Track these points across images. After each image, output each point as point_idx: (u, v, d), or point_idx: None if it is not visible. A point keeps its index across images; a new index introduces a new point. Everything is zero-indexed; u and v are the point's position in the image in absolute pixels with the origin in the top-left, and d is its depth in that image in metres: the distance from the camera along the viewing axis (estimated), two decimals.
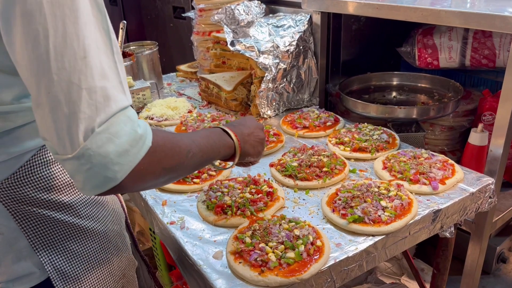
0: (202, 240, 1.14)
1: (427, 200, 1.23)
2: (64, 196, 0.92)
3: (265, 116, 1.90)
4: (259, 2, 2.10)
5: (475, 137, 1.53)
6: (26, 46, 0.67)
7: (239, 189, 1.28)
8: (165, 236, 1.24)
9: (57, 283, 0.93)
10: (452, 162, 1.38)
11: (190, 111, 1.96)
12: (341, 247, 1.07)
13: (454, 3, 1.51)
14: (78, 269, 0.96)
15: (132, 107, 0.77)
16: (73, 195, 0.94)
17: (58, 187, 0.91)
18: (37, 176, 0.88)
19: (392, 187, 1.24)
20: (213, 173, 1.41)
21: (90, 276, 0.98)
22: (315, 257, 1.01)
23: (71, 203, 0.93)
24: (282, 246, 1.03)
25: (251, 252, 1.02)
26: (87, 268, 0.97)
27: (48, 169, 0.90)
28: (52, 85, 0.68)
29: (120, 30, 2.12)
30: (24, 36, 0.67)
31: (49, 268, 0.91)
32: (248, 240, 1.06)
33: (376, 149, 1.49)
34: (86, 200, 0.96)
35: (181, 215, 1.25)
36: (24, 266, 0.90)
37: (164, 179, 0.84)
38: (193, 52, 2.43)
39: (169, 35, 3.40)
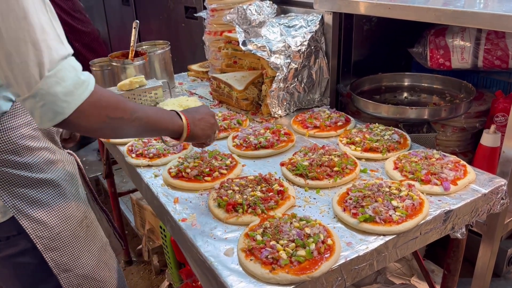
0: (213, 237, 1.15)
1: (439, 200, 1.23)
2: (22, 158, 1.13)
3: (276, 115, 1.90)
4: (271, 2, 2.11)
5: (488, 138, 1.53)
6: None
7: (250, 188, 1.29)
8: (177, 233, 1.25)
9: (23, 222, 1.15)
10: (464, 163, 1.38)
11: None
12: (352, 246, 1.08)
13: (467, 4, 1.50)
14: (40, 212, 1.17)
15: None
16: (29, 157, 1.15)
17: (15, 150, 1.12)
18: None
19: (403, 187, 1.24)
20: (224, 171, 1.42)
21: (52, 217, 1.20)
22: (326, 255, 1.02)
23: (28, 162, 1.15)
24: (293, 244, 1.03)
25: (262, 249, 1.03)
26: (49, 211, 1.19)
27: (7, 136, 1.10)
28: (3, 42, 0.86)
29: (133, 30, 2.15)
30: None
31: (13, 210, 1.13)
32: (259, 237, 1.06)
33: (387, 149, 1.49)
34: (40, 161, 1.18)
35: (193, 213, 1.26)
36: None
37: (110, 128, 1.04)
38: (204, 52, 2.45)
39: (180, 35, 3.43)
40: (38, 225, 1.17)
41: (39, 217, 1.17)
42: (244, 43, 1.85)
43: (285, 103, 1.92)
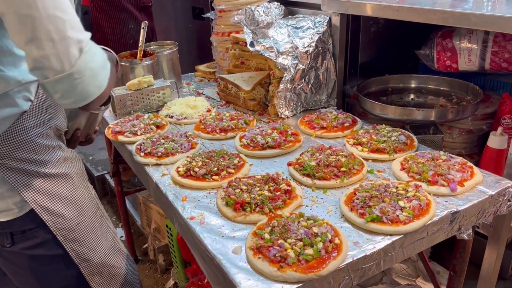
0: (221, 235, 1.16)
1: (445, 201, 1.24)
2: (36, 155, 1.18)
3: (282, 116, 1.91)
4: (279, 3, 2.12)
5: (494, 141, 1.53)
6: None
7: (258, 187, 1.30)
8: (185, 231, 1.27)
9: (43, 216, 1.20)
10: (471, 164, 1.38)
11: (209, 110, 1.99)
12: (359, 245, 1.08)
13: (475, 6, 1.51)
14: (58, 205, 1.23)
15: None
16: (45, 154, 1.21)
17: (33, 149, 1.17)
18: (17, 139, 1.13)
19: (410, 187, 1.24)
20: (232, 170, 1.43)
21: (70, 210, 1.26)
22: (333, 254, 1.03)
23: (42, 160, 1.20)
24: (301, 243, 1.04)
25: (270, 248, 1.04)
26: (66, 204, 1.25)
27: (26, 135, 1.15)
28: (43, 21, 0.90)
29: (142, 30, 2.17)
30: None
31: (33, 204, 1.18)
32: (267, 236, 1.07)
33: (394, 150, 1.50)
34: (55, 158, 1.24)
35: (201, 211, 1.27)
36: (4, 204, 1.17)
37: (107, 95, 1.13)
38: (210, 53, 2.46)
39: (187, 36, 3.45)
40: (57, 218, 1.23)
41: (57, 210, 1.23)
42: (251, 44, 1.86)
43: (292, 104, 1.93)
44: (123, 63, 2.14)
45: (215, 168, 1.42)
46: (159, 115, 1.94)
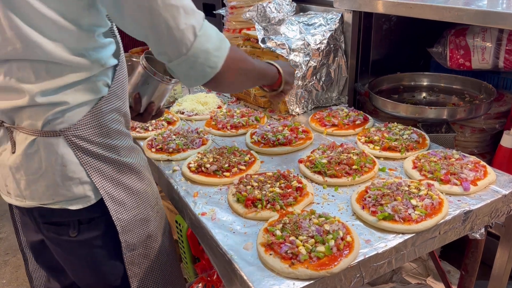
0: (232, 231, 1.16)
1: (458, 200, 1.23)
2: (110, 140, 1.17)
3: (293, 113, 1.91)
4: (290, 0, 2.11)
5: (508, 140, 1.52)
6: None
7: (269, 184, 1.30)
8: (196, 227, 1.27)
9: (109, 204, 1.18)
10: (484, 163, 1.37)
11: (219, 107, 1.99)
12: (371, 243, 1.08)
13: (490, 3, 1.49)
14: (121, 194, 1.21)
15: None
16: (116, 139, 1.19)
17: (107, 133, 1.16)
18: (95, 123, 1.13)
19: (422, 186, 1.24)
20: (243, 167, 1.43)
21: (131, 200, 1.23)
22: (345, 252, 1.02)
23: (115, 145, 1.19)
24: (312, 240, 1.04)
25: (282, 244, 1.04)
26: (128, 194, 1.23)
27: (103, 119, 1.14)
28: (161, 11, 0.95)
29: None
30: None
31: (103, 192, 1.16)
32: (278, 233, 1.07)
33: (406, 148, 1.49)
34: (125, 145, 1.22)
35: (212, 207, 1.27)
36: (81, 190, 1.14)
37: (240, 81, 1.20)
38: None
39: None
40: (119, 207, 1.22)
41: (121, 198, 1.21)
42: (263, 41, 1.86)
43: (303, 101, 1.92)
44: (134, 59, 2.15)
45: (226, 165, 1.43)
46: (170, 111, 1.95)
